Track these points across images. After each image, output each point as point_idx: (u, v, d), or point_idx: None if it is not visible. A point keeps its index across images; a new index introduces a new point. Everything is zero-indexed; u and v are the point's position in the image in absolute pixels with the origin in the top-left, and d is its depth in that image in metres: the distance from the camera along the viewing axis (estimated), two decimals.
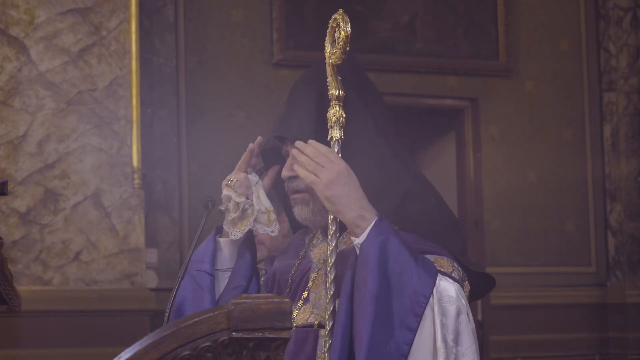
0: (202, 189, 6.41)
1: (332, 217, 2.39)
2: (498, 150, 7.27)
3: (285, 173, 2.50)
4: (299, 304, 2.47)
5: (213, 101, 6.61)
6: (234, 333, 1.71)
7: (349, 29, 2.44)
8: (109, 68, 5.64)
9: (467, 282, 2.40)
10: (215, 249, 2.61)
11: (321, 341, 2.38)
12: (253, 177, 2.63)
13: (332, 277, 2.36)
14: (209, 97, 6.60)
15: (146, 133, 6.03)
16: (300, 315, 2.45)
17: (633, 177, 7.42)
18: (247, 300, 1.72)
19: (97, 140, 5.59)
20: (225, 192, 2.59)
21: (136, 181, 5.66)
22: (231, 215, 2.57)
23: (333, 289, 2.35)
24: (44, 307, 5.41)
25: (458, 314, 2.29)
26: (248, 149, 2.64)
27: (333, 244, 2.37)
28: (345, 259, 2.36)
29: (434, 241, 2.40)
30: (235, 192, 2.58)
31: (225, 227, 2.58)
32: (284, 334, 1.72)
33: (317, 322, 2.40)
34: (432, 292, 2.26)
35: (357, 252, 2.32)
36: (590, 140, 7.47)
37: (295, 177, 2.48)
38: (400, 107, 7.14)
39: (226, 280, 2.61)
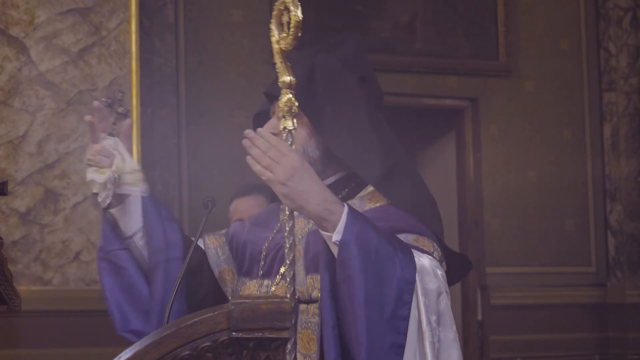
0: (202, 189, 6.41)
1: (288, 212, 2.31)
2: (498, 150, 7.27)
3: (263, 129, 2.42)
4: (277, 279, 2.43)
5: (213, 101, 6.61)
6: (234, 333, 1.71)
7: (299, 13, 2.34)
8: (109, 68, 5.63)
9: (444, 263, 2.37)
10: (113, 225, 2.51)
11: (302, 317, 2.34)
12: (109, 142, 2.47)
13: (292, 269, 2.30)
14: (209, 97, 6.60)
15: (146, 133, 6.02)
16: (279, 291, 2.41)
17: (633, 177, 7.42)
18: (247, 300, 1.72)
19: None
20: (88, 176, 2.45)
21: None
22: (103, 195, 2.44)
23: (293, 286, 2.30)
24: (44, 307, 5.40)
25: (438, 294, 2.25)
26: (89, 118, 2.47)
27: (290, 241, 2.30)
28: (321, 239, 2.30)
29: (417, 218, 2.37)
30: (100, 169, 2.44)
31: (103, 205, 2.47)
32: (284, 334, 1.72)
33: (297, 297, 2.35)
34: (416, 276, 2.23)
35: (335, 249, 2.25)
36: (590, 140, 7.47)
37: (276, 135, 2.40)
38: (400, 107, 7.14)
39: (142, 241, 2.51)
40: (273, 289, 2.41)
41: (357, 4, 6.95)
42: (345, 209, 2.24)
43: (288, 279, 2.31)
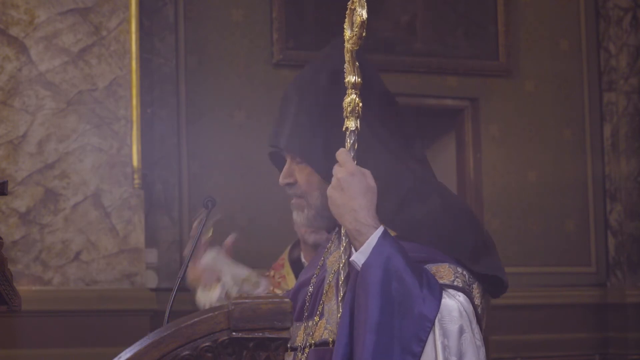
0: (202, 189, 6.41)
1: (343, 249, 2.29)
2: (498, 150, 7.26)
3: (280, 180, 2.44)
4: (316, 319, 2.39)
5: (213, 101, 6.61)
6: (234, 333, 1.71)
7: (364, 13, 2.29)
8: (109, 68, 5.63)
9: (476, 283, 2.29)
10: None
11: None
12: (209, 256, 2.53)
13: (345, 287, 2.25)
14: (209, 97, 6.60)
15: (146, 133, 6.02)
16: (317, 332, 2.36)
17: (633, 177, 7.41)
18: (247, 300, 1.72)
19: (97, 140, 5.58)
20: (199, 298, 2.49)
21: (136, 181, 5.66)
22: None
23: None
24: (44, 307, 5.40)
25: (461, 333, 2.18)
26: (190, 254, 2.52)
27: (344, 244, 2.26)
28: (355, 270, 2.25)
29: (438, 246, 2.28)
30: (208, 288, 2.49)
31: None
32: (284, 334, 1.72)
33: (331, 339, 2.31)
34: (436, 315, 2.16)
35: (358, 270, 2.21)
36: (590, 140, 7.46)
37: (292, 184, 2.42)
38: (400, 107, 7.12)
39: None
40: (313, 329, 2.36)
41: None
42: (377, 232, 2.20)
43: (342, 290, 2.27)
